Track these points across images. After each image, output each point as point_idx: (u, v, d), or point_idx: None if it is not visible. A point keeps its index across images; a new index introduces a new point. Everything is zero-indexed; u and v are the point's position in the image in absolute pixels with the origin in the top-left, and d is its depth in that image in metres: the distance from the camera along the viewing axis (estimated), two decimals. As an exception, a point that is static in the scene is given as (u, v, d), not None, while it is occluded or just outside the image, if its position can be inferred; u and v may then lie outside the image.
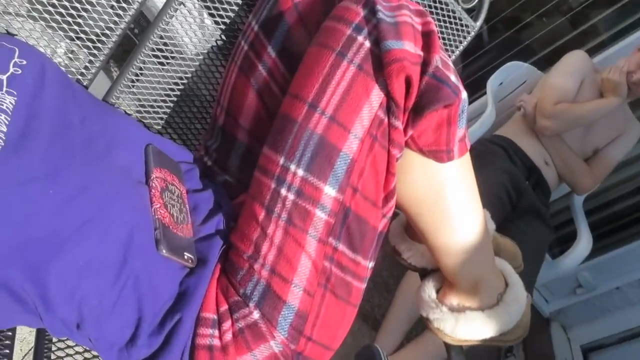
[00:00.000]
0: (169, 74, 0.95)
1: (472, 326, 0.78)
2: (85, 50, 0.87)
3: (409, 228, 0.89)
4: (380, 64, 0.60)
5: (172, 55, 0.93)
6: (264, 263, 0.63)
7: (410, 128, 0.62)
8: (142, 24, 1.44)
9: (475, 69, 2.40)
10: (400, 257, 0.88)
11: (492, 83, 1.95)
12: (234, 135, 0.79)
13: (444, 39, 0.99)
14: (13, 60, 0.58)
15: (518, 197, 1.78)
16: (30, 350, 1.19)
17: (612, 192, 2.43)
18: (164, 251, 0.61)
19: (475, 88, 2.21)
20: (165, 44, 0.91)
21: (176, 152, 0.75)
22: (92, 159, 0.58)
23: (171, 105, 0.96)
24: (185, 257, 0.64)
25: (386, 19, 0.60)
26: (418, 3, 0.94)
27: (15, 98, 0.55)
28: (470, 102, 2.18)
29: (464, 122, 0.64)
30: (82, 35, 0.84)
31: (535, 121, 1.82)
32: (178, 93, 0.96)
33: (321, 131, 0.61)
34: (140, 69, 0.91)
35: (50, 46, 0.85)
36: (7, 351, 0.72)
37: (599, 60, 1.97)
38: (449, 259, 0.74)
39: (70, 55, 0.88)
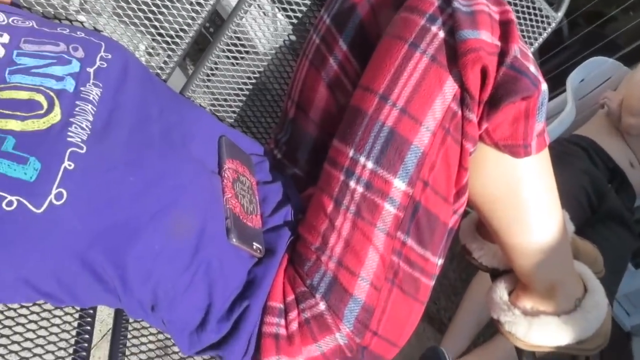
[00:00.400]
0: (242, 68, 0.97)
1: (546, 331, 0.74)
2: (165, 45, 0.91)
3: (480, 227, 0.86)
4: (454, 54, 0.58)
5: (246, 50, 0.95)
6: (332, 255, 0.63)
7: (485, 121, 0.60)
8: (217, 22, 1.49)
9: (555, 65, 2.28)
10: (470, 256, 0.85)
11: (572, 79, 1.84)
12: (304, 128, 0.80)
13: (522, 30, 0.94)
14: (99, 54, 0.61)
15: (599, 201, 1.67)
16: (108, 331, 1.25)
17: None
18: (234, 240, 0.63)
19: (554, 85, 2.10)
20: (238, 39, 0.93)
21: (248, 144, 0.77)
22: (169, 149, 0.61)
23: (243, 99, 0.99)
24: (254, 246, 0.66)
25: (462, 8, 0.58)
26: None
27: (101, 90, 0.59)
28: (548, 100, 2.07)
29: (543, 116, 0.61)
30: (162, 31, 0.88)
31: (620, 120, 1.71)
32: (250, 88, 0.98)
33: (392, 123, 0.60)
34: (215, 63, 0.94)
35: (132, 42, 0.89)
36: (89, 327, 0.77)
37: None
38: (524, 260, 0.71)
39: (151, 51, 0.92)
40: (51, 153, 0.51)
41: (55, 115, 0.54)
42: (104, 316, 1.25)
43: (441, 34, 0.59)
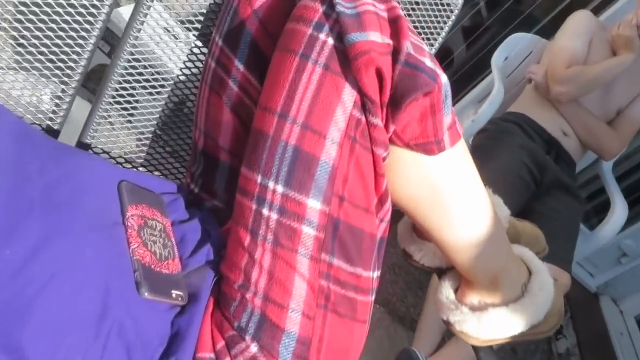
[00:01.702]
0: (144, 97, 0.92)
1: (497, 324, 0.72)
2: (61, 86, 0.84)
3: (416, 227, 0.83)
4: (347, 60, 0.55)
5: (145, 79, 0.89)
6: (256, 291, 0.59)
7: (391, 123, 0.58)
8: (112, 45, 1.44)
9: (479, 47, 2.32)
10: (411, 259, 0.83)
11: (496, 59, 1.87)
12: (216, 157, 0.76)
13: (425, 21, 0.93)
14: None
15: (541, 173, 1.70)
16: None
17: (641, 152, 2.31)
18: (146, 294, 0.58)
19: (481, 67, 2.13)
20: (137, 60, 0.87)
21: (156, 184, 0.72)
22: (54, 208, 0.55)
23: (152, 130, 0.94)
24: (174, 295, 0.61)
25: (346, 11, 0.55)
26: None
27: None
28: (477, 82, 2.10)
29: (449, 109, 0.59)
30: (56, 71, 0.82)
31: (548, 90, 1.74)
32: (160, 116, 0.92)
33: (295, 141, 0.57)
34: (116, 90, 0.88)
35: (35, 95, 0.83)
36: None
37: (605, 17, 1.88)
38: (460, 256, 0.69)
39: (60, 94, 0.85)
40: None
41: None
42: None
43: (330, 41, 0.56)
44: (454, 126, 0.61)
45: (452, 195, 0.64)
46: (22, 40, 0.80)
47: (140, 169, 0.97)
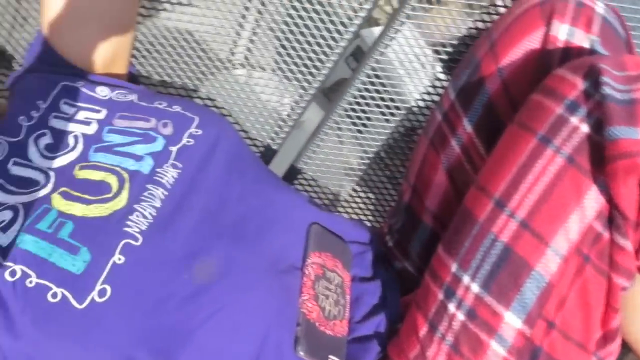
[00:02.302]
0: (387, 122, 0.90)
1: None
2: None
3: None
4: (601, 157, 0.43)
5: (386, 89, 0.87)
6: None
7: None
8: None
9: None
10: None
11: None
12: (419, 217, 0.68)
13: None
14: (189, 131, 0.58)
15: None
16: None
17: None
18: (301, 353, 0.54)
19: None
20: (372, 84, 0.85)
21: (349, 230, 0.67)
22: (239, 241, 0.54)
23: (372, 155, 0.91)
24: (330, 360, 0.55)
25: (615, 95, 0.43)
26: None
27: (179, 171, 0.55)
28: None
29: None
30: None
31: None
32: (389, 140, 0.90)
33: (507, 239, 0.47)
34: (350, 103, 0.88)
35: (285, 93, 0.88)
36: None
37: None
38: None
39: (293, 105, 0.88)
40: (103, 245, 0.48)
41: (120, 201, 0.51)
42: None
43: (584, 128, 0.44)
44: None
45: None
46: (283, 42, 0.85)
47: (356, 187, 0.96)
